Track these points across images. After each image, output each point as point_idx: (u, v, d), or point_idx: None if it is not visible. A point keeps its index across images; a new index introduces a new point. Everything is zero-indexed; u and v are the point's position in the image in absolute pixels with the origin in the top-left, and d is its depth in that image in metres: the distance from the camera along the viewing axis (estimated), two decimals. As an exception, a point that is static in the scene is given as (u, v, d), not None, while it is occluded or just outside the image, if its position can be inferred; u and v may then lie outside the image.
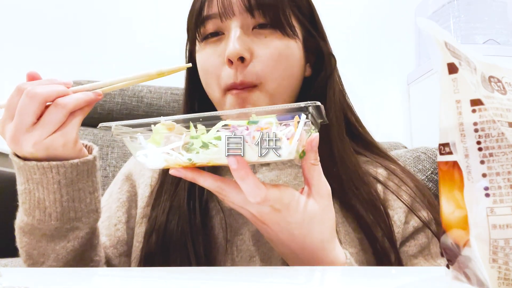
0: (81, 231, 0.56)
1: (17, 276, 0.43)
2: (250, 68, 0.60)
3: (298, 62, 0.64)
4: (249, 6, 0.59)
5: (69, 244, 0.55)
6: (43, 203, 0.52)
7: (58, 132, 0.49)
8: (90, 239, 0.58)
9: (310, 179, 0.47)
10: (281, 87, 0.62)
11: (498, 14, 1.66)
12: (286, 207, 0.45)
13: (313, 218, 0.46)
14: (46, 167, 0.51)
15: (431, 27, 0.32)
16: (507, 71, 0.34)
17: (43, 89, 0.48)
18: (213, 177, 0.46)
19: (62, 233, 0.54)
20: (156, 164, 0.47)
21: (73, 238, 0.55)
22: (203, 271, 0.48)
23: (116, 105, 1.16)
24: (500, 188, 0.30)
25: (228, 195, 0.45)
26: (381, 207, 0.61)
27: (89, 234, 0.57)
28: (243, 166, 0.42)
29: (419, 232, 0.63)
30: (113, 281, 0.42)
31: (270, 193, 0.44)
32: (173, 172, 0.46)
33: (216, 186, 0.45)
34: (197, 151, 0.44)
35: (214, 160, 0.44)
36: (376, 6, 1.87)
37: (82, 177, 0.54)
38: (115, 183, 0.74)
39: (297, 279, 0.39)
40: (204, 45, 0.64)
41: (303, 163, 0.47)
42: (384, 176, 0.66)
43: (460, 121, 0.31)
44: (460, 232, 0.31)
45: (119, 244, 0.67)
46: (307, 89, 0.67)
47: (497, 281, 0.30)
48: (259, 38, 0.61)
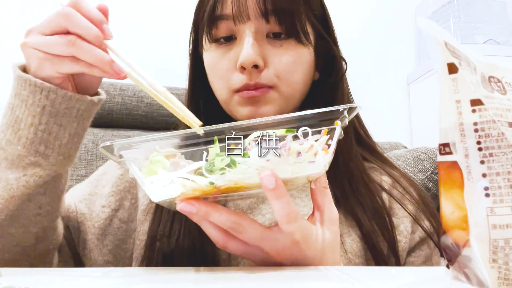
0: (43, 170, 0.50)
1: (17, 276, 0.42)
2: (264, 74, 0.60)
3: (310, 68, 0.64)
4: (265, 11, 0.58)
5: (24, 177, 0.49)
6: (19, 123, 0.49)
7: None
8: (49, 184, 0.52)
9: (321, 204, 0.44)
10: (294, 91, 0.62)
11: (498, 14, 1.65)
12: (304, 239, 0.42)
13: (327, 248, 0.44)
14: (38, 85, 0.48)
15: (431, 27, 0.32)
16: (507, 71, 0.34)
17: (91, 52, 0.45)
18: (229, 211, 0.40)
19: (23, 164, 0.49)
20: (168, 193, 0.39)
21: (31, 174, 0.49)
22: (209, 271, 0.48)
23: (116, 105, 1.16)
24: (500, 188, 0.30)
25: (245, 231, 0.40)
26: (385, 216, 0.60)
27: (50, 178, 0.51)
28: (280, 184, 0.38)
29: (424, 243, 0.63)
30: (113, 281, 0.42)
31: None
32: (182, 206, 0.39)
33: (232, 222, 0.40)
34: (222, 171, 0.38)
35: (243, 180, 0.38)
36: (376, 6, 1.87)
37: (70, 114, 0.50)
38: (118, 166, 0.68)
39: (297, 279, 0.39)
40: (215, 47, 0.62)
41: (316, 186, 0.44)
42: (389, 184, 0.66)
43: (460, 121, 0.31)
44: (460, 232, 0.31)
45: (97, 223, 0.63)
46: (314, 92, 0.67)
47: (497, 281, 0.30)
48: (274, 46, 0.60)
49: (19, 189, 0.50)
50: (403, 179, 0.66)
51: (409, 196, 0.64)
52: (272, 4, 0.58)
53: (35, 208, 0.52)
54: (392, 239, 0.59)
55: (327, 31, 0.66)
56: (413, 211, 0.63)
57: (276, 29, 0.60)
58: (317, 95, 0.67)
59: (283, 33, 0.60)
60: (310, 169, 0.39)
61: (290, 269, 0.43)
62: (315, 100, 0.66)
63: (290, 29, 0.60)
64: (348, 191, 0.61)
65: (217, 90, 0.64)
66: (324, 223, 0.44)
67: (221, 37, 0.61)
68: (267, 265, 0.44)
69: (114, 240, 0.63)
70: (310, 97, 0.67)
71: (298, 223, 0.40)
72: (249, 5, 0.58)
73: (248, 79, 0.59)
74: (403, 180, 0.66)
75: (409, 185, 0.66)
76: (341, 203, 0.60)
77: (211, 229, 0.42)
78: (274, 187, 0.38)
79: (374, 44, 1.85)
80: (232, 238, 0.42)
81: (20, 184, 0.49)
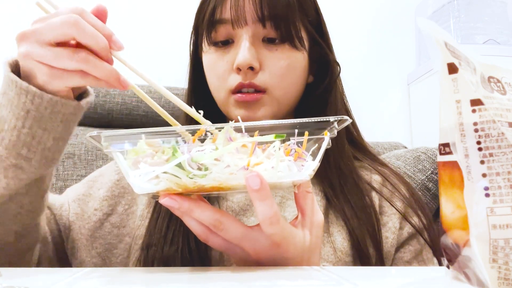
0: (24, 173, 0.48)
1: (17, 276, 0.42)
2: (259, 76, 0.62)
3: (304, 72, 0.66)
4: (262, 16, 0.60)
5: (4, 179, 0.48)
6: (3, 123, 0.47)
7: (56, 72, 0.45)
8: (31, 185, 0.51)
9: (304, 208, 0.45)
10: (287, 94, 0.65)
11: (498, 14, 1.65)
12: (285, 241, 0.42)
13: (306, 251, 0.44)
14: (23, 88, 0.46)
15: (431, 27, 0.32)
16: (506, 72, 0.35)
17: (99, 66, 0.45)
18: (212, 209, 0.40)
19: (4, 165, 0.48)
20: (153, 187, 0.39)
21: (12, 177, 0.48)
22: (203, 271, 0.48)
23: (116, 105, 1.16)
24: (500, 188, 0.30)
25: (226, 229, 0.41)
26: (371, 214, 0.61)
27: (32, 181, 0.50)
28: (265, 186, 0.38)
29: (413, 239, 0.63)
30: (114, 281, 0.42)
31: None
32: (165, 201, 0.39)
33: (214, 219, 0.40)
34: (209, 170, 0.37)
35: (228, 181, 0.38)
36: (376, 6, 1.87)
37: (55, 118, 0.48)
38: (116, 170, 0.69)
39: (295, 278, 0.39)
40: (213, 49, 0.65)
41: (299, 190, 0.44)
42: (379, 182, 0.67)
43: (460, 121, 0.31)
44: (460, 232, 0.31)
45: (88, 225, 0.63)
46: (307, 94, 0.69)
47: (497, 281, 0.30)
48: (269, 50, 0.63)
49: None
50: (393, 177, 0.68)
51: (398, 193, 0.65)
52: (269, 10, 0.60)
53: (16, 207, 0.51)
54: (376, 238, 0.60)
55: (321, 36, 0.68)
56: (401, 207, 0.64)
57: (272, 34, 0.62)
58: (311, 98, 0.69)
59: (277, 38, 0.62)
60: (295, 176, 0.40)
61: (286, 269, 0.43)
62: (309, 103, 0.69)
63: (285, 34, 0.62)
64: (339, 190, 0.62)
65: (214, 91, 0.66)
66: (307, 227, 0.45)
67: (220, 41, 0.64)
68: (247, 263, 0.44)
69: (104, 243, 0.64)
70: (304, 100, 0.69)
71: (280, 226, 0.41)
72: (247, 11, 0.61)
73: (243, 79, 0.61)
74: (392, 177, 0.68)
75: (399, 182, 0.67)
76: (331, 202, 0.62)
77: (192, 222, 0.42)
78: (258, 188, 0.38)
79: (374, 44, 1.85)
80: (213, 233, 0.42)
81: (0, 186, 0.48)
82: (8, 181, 0.48)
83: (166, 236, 0.58)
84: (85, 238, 0.63)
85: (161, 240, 0.58)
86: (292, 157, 0.41)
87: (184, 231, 0.58)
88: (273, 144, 0.40)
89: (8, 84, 0.47)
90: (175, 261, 0.56)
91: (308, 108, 0.69)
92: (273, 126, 0.41)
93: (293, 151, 0.41)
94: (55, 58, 0.44)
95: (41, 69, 0.45)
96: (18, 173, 0.48)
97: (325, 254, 0.58)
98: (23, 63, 0.47)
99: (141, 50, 1.71)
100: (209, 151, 0.39)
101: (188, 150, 0.39)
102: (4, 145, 0.47)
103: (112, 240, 0.64)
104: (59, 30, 0.44)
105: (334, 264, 0.58)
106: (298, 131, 0.41)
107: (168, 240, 0.58)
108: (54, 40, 0.44)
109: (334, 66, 0.69)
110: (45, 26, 0.45)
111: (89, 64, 0.44)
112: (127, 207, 0.66)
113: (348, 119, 0.41)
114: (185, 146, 0.39)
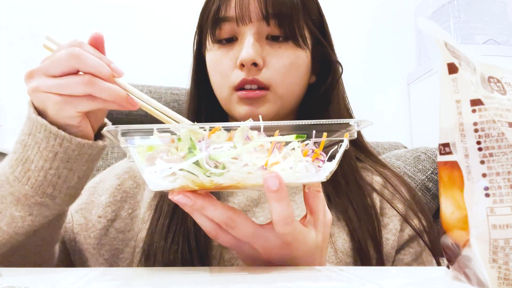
0: (49, 210, 0.51)
1: (17, 276, 0.42)
2: (262, 72, 0.62)
3: (306, 70, 0.67)
4: (266, 14, 0.61)
5: (29, 217, 0.50)
6: (29, 163, 0.49)
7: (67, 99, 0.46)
8: (53, 220, 0.53)
9: (315, 208, 0.45)
10: (290, 92, 0.65)
11: (498, 14, 1.65)
12: (296, 241, 0.42)
13: (315, 250, 0.44)
14: (53, 132, 0.48)
15: (431, 27, 0.32)
16: (506, 72, 0.34)
17: (103, 87, 0.45)
18: (225, 206, 0.40)
19: (29, 203, 0.50)
20: (168, 184, 0.38)
21: (37, 214, 0.50)
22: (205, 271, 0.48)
23: (116, 105, 1.16)
24: (500, 188, 0.30)
25: (238, 227, 0.40)
26: (373, 214, 0.61)
27: (55, 216, 0.52)
28: (283, 187, 0.38)
29: (413, 241, 0.64)
30: (114, 281, 0.42)
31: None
32: (179, 198, 0.39)
33: (226, 217, 0.40)
34: (227, 168, 0.37)
35: (246, 180, 0.38)
36: (376, 6, 1.87)
37: (81, 159, 0.50)
38: (116, 175, 0.69)
39: (295, 278, 0.39)
40: (217, 47, 0.65)
41: (310, 190, 0.44)
42: (380, 184, 0.67)
43: (460, 121, 0.31)
44: (460, 232, 0.31)
45: (93, 233, 0.64)
46: (310, 95, 0.69)
47: (497, 281, 0.30)
48: (273, 47, 0.63)
49: (24, 228, 0.50)
50: (394, 178, 0.68)
51: (399, 195, 0.65)
52: (273, 8, 0.61)
53: (38, 240, 0.54)
54: (377, 239, 0.60)
55: (323, 36, 0.69)
56: (402, 209, 0.64)
57: (276, 32, 0.63)
58: (313, 97, 0.69)
59: (281, 36, 0.63)
60: (313, 177, 0.40)
61: (289, 269, 0.43)
62: (311, 102, 0.69)
63: (288, 32, 0.63)
64: (341, 190, 0.62)
65: (217, 89, 0.67)
66: (317, 227, 0.45)
67: (224, 38, 0.64)
68: (255, 261, 0.44)
69: (110, 249, 0.64)
70: (307, 100, 0.69)
71: (293, 226, 0.41)
72: (252, 9, 0.62)
73: (246, 75, 0.62)
74: (394, 179, 0.68)
75: (400, 184, 0.68)
76: (333, 203, 0.62)
77: (202, 219, 0.41)
78: (277, 189, 0.38)
79: (374, 44, 1.85)
80: (223, 231, 0.42)
81: (25, 224, 0.50)
82: (33, 219, 0.50)
83: (167, 236, 0.58)
84: (92, 247, 0.63)
85: (162, 240, 0.58)
86: (310, 157, 0.40)
87: (184, 231, 0.58)
88: (291, 144, 0.40)
89: (36, 127, 0.48)
90: (175, 261, 0.56)
91: (310, 108, 0.69)
92: (291, 127, 0.40)
93: (311, 152, 0.41)
94: (63, 86, 0.46)
95: (51, 98, 0.47)
96: (43, 211, 0.50)
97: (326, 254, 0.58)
98: (34, 98, 0.48)
99: (143, 51, 1.71)
100: (227, 148, 0.38)
101: (206, 147, 0.38)
102: (30, 184, 0.49)
103: (118, 246, 0.64)
104: (63, 63, 0.46)
105: (335, 265, 0.57)
106: (317, 134, 0.40)
107: (169, 240, 0.58)
108: (60, 73, 0.46)
109: (337, 66, 0.69)
110: (49, 61, 0.46)
111: (95, 86, 0.45)
112: (131, 211, 0.66)
113: (369, 121, 0.41)
114: (203, 143, 0.38)
